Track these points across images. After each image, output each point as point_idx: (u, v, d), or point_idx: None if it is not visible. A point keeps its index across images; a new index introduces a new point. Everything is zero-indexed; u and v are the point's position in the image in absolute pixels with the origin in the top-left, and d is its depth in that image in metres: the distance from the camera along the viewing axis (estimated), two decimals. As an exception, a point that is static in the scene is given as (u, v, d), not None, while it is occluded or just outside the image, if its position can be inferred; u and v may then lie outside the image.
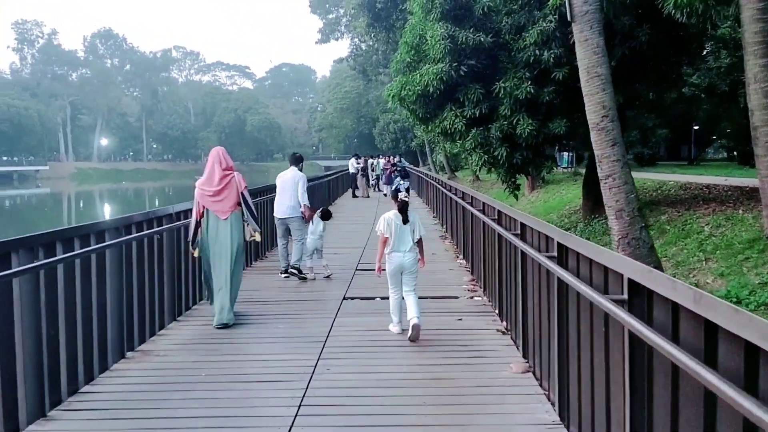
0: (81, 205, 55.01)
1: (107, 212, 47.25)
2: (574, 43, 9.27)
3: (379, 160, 29.44)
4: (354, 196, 24.64)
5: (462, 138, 13.41)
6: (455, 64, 12.65)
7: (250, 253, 9.65)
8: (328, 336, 5.66)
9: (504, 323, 5.90)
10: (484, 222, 6.97)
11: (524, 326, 4.96)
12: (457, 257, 10.07)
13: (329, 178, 21.67)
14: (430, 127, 14.56)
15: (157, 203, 57.13)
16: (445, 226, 13.49)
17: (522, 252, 4.85)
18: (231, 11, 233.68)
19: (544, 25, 12.08)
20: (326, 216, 9.01)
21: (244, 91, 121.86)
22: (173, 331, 5.99)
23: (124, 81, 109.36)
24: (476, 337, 5.65)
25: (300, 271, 8.44)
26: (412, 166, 37.82)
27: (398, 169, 25.35)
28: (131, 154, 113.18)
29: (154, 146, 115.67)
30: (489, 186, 31.36)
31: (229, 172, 6.14)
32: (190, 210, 6.38)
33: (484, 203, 7.61)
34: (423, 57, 13.82)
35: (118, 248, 5.03)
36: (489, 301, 6.87)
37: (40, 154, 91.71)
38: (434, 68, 12.73)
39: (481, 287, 7.54)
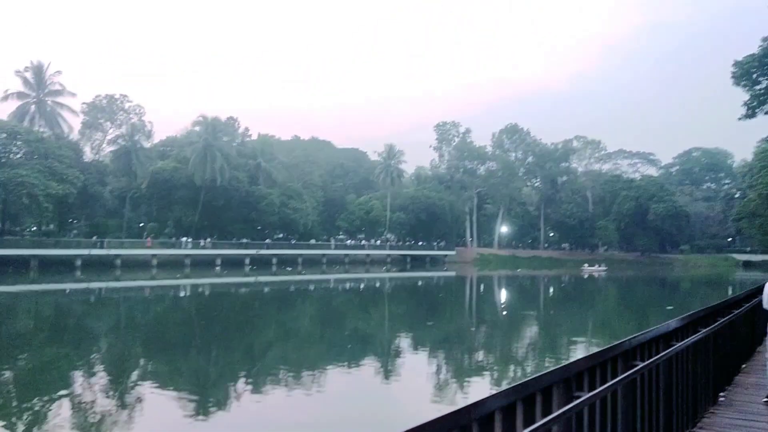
0: (481, 289, 56.79)
1: (503, 298, 47.29)
2: None
3: None
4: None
5: None
6: None
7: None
8: None
9: None
10: None
11: None
12: None
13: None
14: None
15: (551, 291, 55.48)
16: None
17: None
18: (637, 98, 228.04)
19: None
20: None
21: (647, 178, 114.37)
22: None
23: (525, 172, 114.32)
24: None
25: None
26: None
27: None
28: (529, 241, 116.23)
29: (551, 234, 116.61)
30: None
31: None
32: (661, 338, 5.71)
33: None
34: None
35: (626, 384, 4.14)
36: None
37: (449, 240, 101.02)
38: None
39: None
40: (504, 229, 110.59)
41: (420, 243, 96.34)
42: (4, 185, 55.30)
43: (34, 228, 72.36)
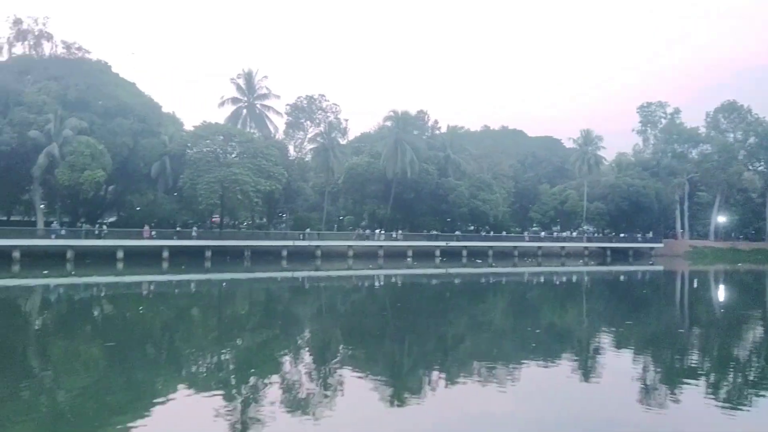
0: (694, 285, 51.35)
1: (720, 296, 42.08)
2: None
3: None
4: None
5: None
6: None
7: None
8: None
9: None
10: None
11: None
12: None
13: None
14: None
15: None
16: None
17: None
18: None
19: None
20: None
21: None
22: None
23: (747, 155, 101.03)
24: None
25: None
26: None
27: None
28: (752, 232, 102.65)
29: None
30: None
31: None
32: None
33: None
34: None
35: None
36: None
37: (656, 232, 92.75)
38: None
39: None
40: (721, 218, 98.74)
41: (622, 235, 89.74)
42: (222, 182, 61.85)
43: (249, 221, 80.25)
